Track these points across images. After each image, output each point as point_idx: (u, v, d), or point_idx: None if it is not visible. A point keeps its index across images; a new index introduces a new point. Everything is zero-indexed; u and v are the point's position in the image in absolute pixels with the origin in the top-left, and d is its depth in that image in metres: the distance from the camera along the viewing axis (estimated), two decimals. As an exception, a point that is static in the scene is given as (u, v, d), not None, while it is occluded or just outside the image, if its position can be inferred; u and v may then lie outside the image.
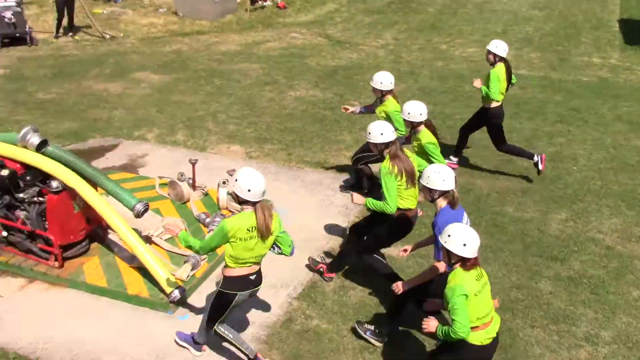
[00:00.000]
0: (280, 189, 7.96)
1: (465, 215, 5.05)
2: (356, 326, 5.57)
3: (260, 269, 4.99)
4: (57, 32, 14.32)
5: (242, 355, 5.14)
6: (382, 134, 5.58)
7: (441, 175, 4.88)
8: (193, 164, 7.54)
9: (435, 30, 15.60)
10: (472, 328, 4.18)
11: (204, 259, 6.37)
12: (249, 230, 4.63)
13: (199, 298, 6.00)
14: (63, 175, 5.99)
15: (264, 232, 4.65)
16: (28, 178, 6.18)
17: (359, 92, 11.30)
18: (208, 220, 6.92)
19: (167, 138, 9.42)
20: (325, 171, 8.45)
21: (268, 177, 8.20)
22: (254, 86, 11.64)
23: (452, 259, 4.27)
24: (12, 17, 13.20)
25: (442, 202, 4.95)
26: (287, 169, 8.50)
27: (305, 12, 17.21)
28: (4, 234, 6.45)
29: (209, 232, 6.72)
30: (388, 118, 7.26)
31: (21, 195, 6.20)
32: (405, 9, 17.82)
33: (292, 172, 8.42)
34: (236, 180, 4.66)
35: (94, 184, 6.21)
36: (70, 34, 14.43)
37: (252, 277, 4.91)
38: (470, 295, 4.13)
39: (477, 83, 8.17)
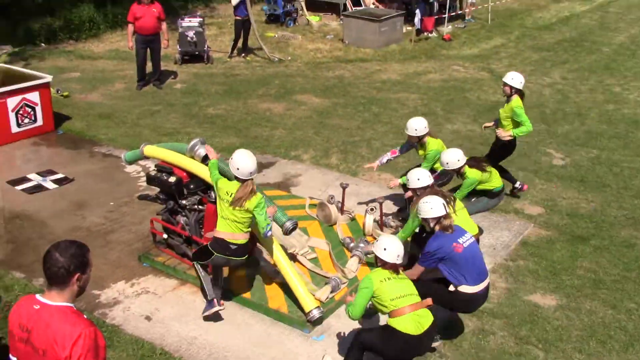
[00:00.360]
0: (427, 221, 7.86)
1: (466, 236, 5.48)
2: None
3: (245, 244, 5.76)
4: (232, 52, 15.26)
5: (205, 294, 5.95)
6: (418, 179, 6.24)
7: (429, 204, 5.50)
8: (344, 189, 7.67)
9: (608, 71, 14.72)
10: (391, 312, 4.91)
11: (345, 283, 6.43)
12: (226, 194, 5.60)
13: (336, 321, 6.05)
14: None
15: (235, 201, 5.53)
16: (192, 186, 6.59)
17: (519, 130, 10.91)
18: (352, 244, 6.99)
19: (321, 160, 9.67)
20: (476, 208, 8.23)
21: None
22: (411, 116, 11.49)
23: (378, 262, 5.08)
24: (194, 36, 14.28)
25: (437, 227, 5.52)
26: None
27: (470, 46, 16.97)
28: (165, 236, 6.95)
29: (352, 256, 6.79)
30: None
31: (184, 202, 6.64)
32: (578, 47, 17.00)
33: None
34: (231, 159, 5.61)
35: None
36: (243, 54, 15.32)
37: (232, 247, 5.70)
38: (375, 283, 4.94)
39: (503, 133, 8.11)
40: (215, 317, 6.09)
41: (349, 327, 5.98)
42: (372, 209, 7.33)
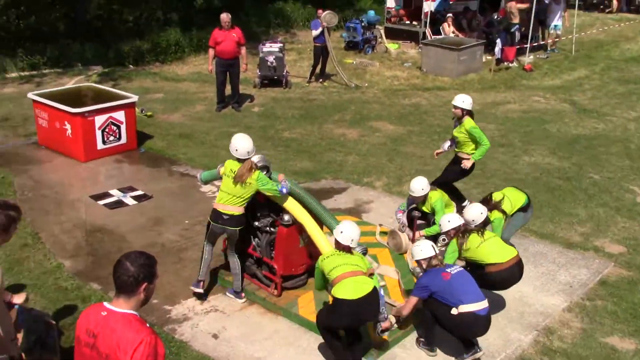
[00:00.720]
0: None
1: (454, 267, 5.93)
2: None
3: (238, 217, 6.38)
4: (310, 77, 15.50)
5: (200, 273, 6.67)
6: (449, 221, 6.56)
7: (419, 247, 6.00)
8: (415, 217, 7.60)
9: (700, 107, 14.05)
10: (332, 281, 5.48)
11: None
12: (231, 171, 6.34)
13: (402, 350, 5.97)
14: (295, 210, 6.41)
15: (237, 177, 6.25)
16: (265, 209, 6.69)
17: (601, 165, 10.53)
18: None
19: (393, 188, 9.62)
20: (552, 244, 7.97)
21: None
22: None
23: (335, 245, 5.70)
24: (274, 61, 14.60)
25: (428, 267, 5.95)
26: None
27: (552, 77, 16.57)
28: (236, 256, 7.05)
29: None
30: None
31: (256, 223, 6.74)
32: (667, 80, 16.32)
33: (514, 239, 8.05)
34: (231, 142, 6.35)
35: (321, 223, 6.55)
36: (321, 80, 15.53)
37: (225, 217, 6.38)
38: (320, 261, 5.66)
39: (467, 163, 8.13)
40: (281, 340, 6.12)
41: (414, 357, 5.89)
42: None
